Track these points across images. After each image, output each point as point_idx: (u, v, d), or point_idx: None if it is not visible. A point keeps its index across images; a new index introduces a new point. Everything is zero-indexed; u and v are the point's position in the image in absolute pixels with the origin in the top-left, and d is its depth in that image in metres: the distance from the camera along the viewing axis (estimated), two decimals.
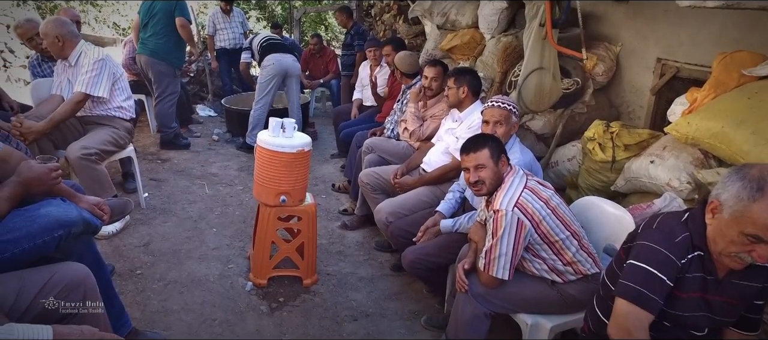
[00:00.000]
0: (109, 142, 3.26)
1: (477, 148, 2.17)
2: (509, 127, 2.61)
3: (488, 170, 2.14)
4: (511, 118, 2.62)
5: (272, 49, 5.22)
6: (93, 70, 3.17)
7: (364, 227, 3.84)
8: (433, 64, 3.65)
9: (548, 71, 3.56)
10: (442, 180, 3.18)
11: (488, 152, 2.15)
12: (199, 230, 3.52)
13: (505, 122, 2.59)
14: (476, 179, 2.16)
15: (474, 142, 2.21)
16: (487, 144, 2.18)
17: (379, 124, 4.55)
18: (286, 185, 2.75)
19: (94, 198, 2.04)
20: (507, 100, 2.64)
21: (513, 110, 2.62)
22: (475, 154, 2.16)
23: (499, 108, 2.60)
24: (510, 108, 2.61)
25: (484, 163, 2.14)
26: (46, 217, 1.60)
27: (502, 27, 4.61)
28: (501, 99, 2.64)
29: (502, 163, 2.18)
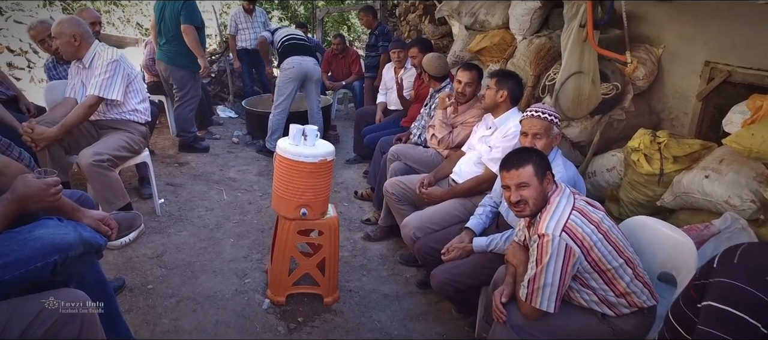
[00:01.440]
0: (123, 148, 3.11)
1: (519, 164, 1.94)
2: (550, 140, 2.38)
3: (532, 189, 1.91)
4: (553, 130, 2.38)
5: (293, 51, 5.03)
6: (107, 71, 3.03)
7: (388, 238, 3.64)
8: (467, 68, 3.43)
9: (587, 76, 3.32)
10: (473, 192, 2.96)
11: (532, 169, 1.93)
12: (215, 240, 3.36)
13: (545, 134, 2.36)
14: (518, 199, 1.93)
15: (516, 157, 1.98)
16: (531, 159, 1.95)
17: (405, 130, 4.35)
18: (306, 197, 2.56)
19: (100, 212, 1.87)
20: (548, 109, 2.41)
21: (554, 120, 2.38)
22: (517, 171, 1.93)
23: (539, 118, 2.37)
24: (551, 118, 2.37)
25: (527, 181, 1.92)
26: (40, 240, 1.44)
27: (535, 28, 4.38)
28: (541, 108, 2.41)
29: (547, 181, 1.95)
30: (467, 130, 3.38)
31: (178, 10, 4.56)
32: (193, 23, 4.60)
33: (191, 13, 4.60)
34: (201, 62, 4.73)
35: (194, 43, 4.63)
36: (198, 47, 4.66)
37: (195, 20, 4.61)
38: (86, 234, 1.62)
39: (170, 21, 4.64)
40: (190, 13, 4.58)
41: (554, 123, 2.38)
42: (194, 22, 4.60)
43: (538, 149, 2.16)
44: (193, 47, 4.64)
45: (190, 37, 4.60)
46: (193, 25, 4.60)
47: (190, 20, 4.57)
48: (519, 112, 3.05)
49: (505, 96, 2.97)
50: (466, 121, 3.43)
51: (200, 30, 4.75)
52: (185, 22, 4.55)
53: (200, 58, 4.72)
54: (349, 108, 7.85)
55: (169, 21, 4.66)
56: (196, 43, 4.64)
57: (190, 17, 4.56)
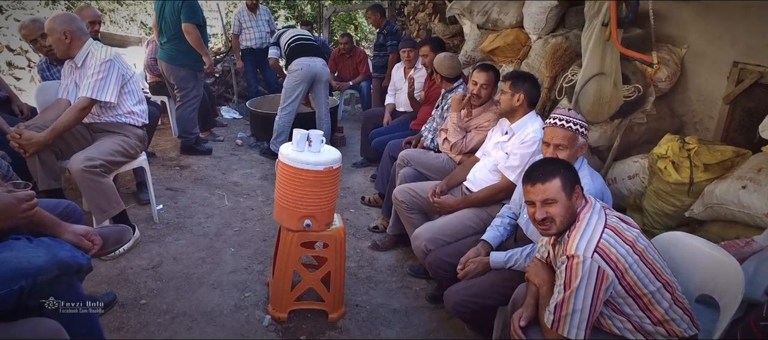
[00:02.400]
0: (118, 152, 2.95)
1: (545, 177, 1.75)
2: (575, 151, 2.19)
3: (559, 206, 1.72)
4: (578, 140, 2.19)
5: (301, 52, 4.86)
6: (100, 72, 2.86)
7: (397, 247, 3.46)
8: (484, 69, 3.23)
9: (609, 77, 3.12)
10: (489, 202, 2.77)
11: (559, 183, 1.73)
12: (214, 249, 3.19)
13: (569, 145, 2.16)
14: (544, 217, 1.74)
15: (541, 170, 1.78)
16: (558, 172, 1.75)
17: (414, 133, 4.16)
18: (311, 208, 2.38)
19: (82, 227, 1.70)
20: (573, 116, 2.21)
21: (580, 129, 2.19)
22: (543, 185, 1.74)
23: (563, 128, 2.17)
24: (576, 127, 2.18)
25: (554, 196, 1.72)
26: (4, 265, 1.26)
27: (551, 27, 4.20)
28: (565, 116, 2.20)
29: (576, 196, 1.76)
30: (482, 134, 3.19)
31: (178, 8, 4.40)
32: (194, 21, 4.43)
33: (191, 11, 4.43)
34: (206, 60, 4.57)
35: (197, 42, 4.46)
36: (201, 46, 4.49)
37: (196, 18, 4.44)
38: (63, 254, 1.45)
39: (170, 19, 4.48)
40: (190, 12, 4.41)
41: (579, 132, 2.18)
42: (195, 19, 4.43)
43: (566, 161, 1.97)
44: (197, 46, 4.48)
45: (193, 36, 4.43)
46: (195, 23, 4.43)
47: (190, 19, 4.40)
48: (537, 117, 2.86)
49: (522, 99, 2.78)
50: (481, 125, 3.24)
51: (202, 28, 4.58)
52: (186, 20, 4.39)
53: (204, 56, 4.55)
54: (356, 109, 7.67)
55: (169, 19, 4.50)
56: (199, 41, 4.47)
57: (190, 15, 4.39)
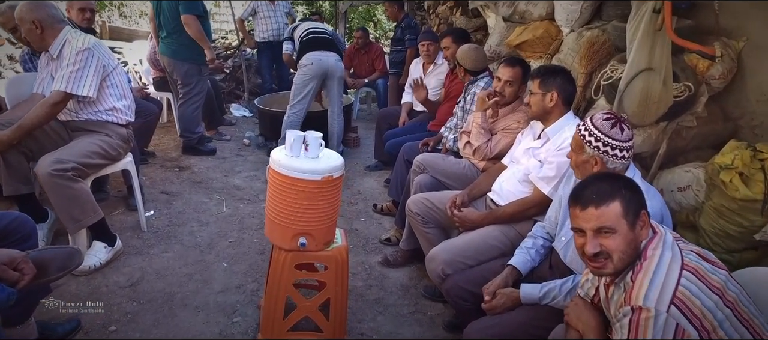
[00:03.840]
0: (96, 154, 2.60)
1: (601, 199, 1.33)
2: (584, 161, 1.84)
3: (619, 238, 1.31)
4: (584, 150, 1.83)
5: (313, 46, 4.49)
6: (76, 62, 2.52)
7: (410, 263, 3.06)
8: (510, 64, 2.82)
9: (658, 74, 2.68)
10: (518, 218, 2.36)
11: (620, 207, 1.32)
12: (205, 264, 2.83)
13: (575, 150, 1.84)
14: (597, 251, 1.33)
15: (596, 189, 1.36)
16: (619, 193, 1.34)
17: (432, 134, 3.76)
18: (306, 224, 2.01)
19: (7, 253, 1.35)
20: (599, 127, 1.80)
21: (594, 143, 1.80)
22: (598, 209, 1.33)
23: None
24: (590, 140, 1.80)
25: (612, 225, 1.31)
26: None
27: (585, 18, 3.76)
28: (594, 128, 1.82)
29: (641, 225, 1.34)
30: (509, 138, 2.79)
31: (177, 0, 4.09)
32: (194, 12, 4.10)
33: (190, 1, 4.10)
34: (208, 54, 4.23)
35: (198, 34, 4.13)
36: (203, 38, 4.16)
37: (195, 9, 4.11)
38: None
39: (169, 12, 4.18)
40: (189, 2, 4.09)
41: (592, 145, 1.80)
42: (194, 10, 4.10)
43: (628, 177, 1.55)
44: (198, 38, 4.15)
45: (193, 28, 4.10)
46: (194, 15, 4.10)
47: (189, 9, 4.07)
48: (575, 118, 2.45)
49: (555, 99, 2.36)
50: (509, 127, 2.83)
51: (203, 19, 4.24)
52: (185, 11, 4.06)
53: (207, 49, 4.21)
54: (373, 108, 7.29)
55: (167, 12, 4.20)
56: (200, 33, 4.13)
57: (189, 6, 4.06)
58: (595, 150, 1.79)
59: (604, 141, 1.78)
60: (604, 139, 1.78)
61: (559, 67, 2.55)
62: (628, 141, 1.80)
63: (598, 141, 1.79)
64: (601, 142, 1.78)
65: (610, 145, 1.78)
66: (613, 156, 1.78)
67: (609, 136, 1.78)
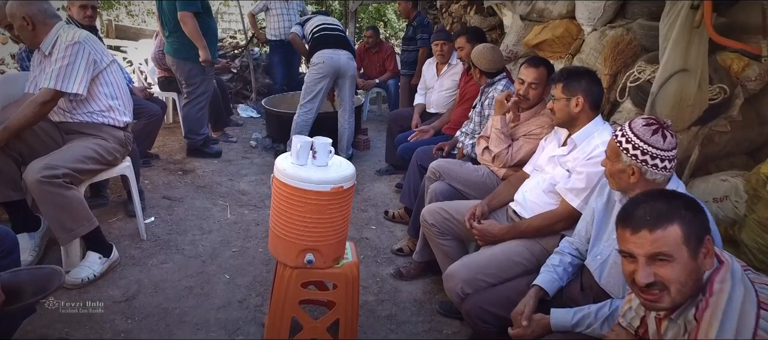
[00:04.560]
0: (89, 159, 2.44)
1: (657, 221, 1.14)
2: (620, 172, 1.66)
3: (677, 267, 1.12)
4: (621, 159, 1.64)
5: (324, 43, 4.32)
6: (64, 57, 2.35)
7: (425, 275, 2.88)
8: (534, 64, 2.63)
9: (694, 75, 2.48)
10: (544, 233, 2.17)
11: (680, 231, 1.13)
12: (206, 276, 2.66)
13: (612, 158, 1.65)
14: (651, 281, 1.14)
15: (650, 208, 1.17)
16: (677, 214, 1.14)
17: (446, 138, 3.57)
18: (314, 239, 1.83)
19: None
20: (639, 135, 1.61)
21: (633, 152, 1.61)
22: (653, 233, 1.13)
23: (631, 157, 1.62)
24: (640, 156, 1.60)
25: (669, 251, 1.12)
26: None
27: (608, 16, 3.58)
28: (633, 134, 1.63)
29: (704, 253, 1.15)
30: (531, 144, 2.59)
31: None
32: (190, 9, 3.93)
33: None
34: (201, 53, 4.05)
35: (193, 32, 3.96)
36: (198, 36, 3.98)
37: (192, 6, 3.94)
38: None
39: (169, 10, 4.04)
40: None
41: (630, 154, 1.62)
42: (191, 7, 3.94)
43: (687, 194, 1.36)
44: (193, 36, 3.98)
45: (189, 26, 3.93)
46: (191, 11, 3.94)
47: (186, 6, 3.91)
48: (604, 123, 2.25)
49: (581, 103, 2.16)
50: (531, 132, 2.63)
51: (203, 16, 4.06)
52: (181, 9, 3.91)
53: (201, 48, 4.03)
54: (383, 109, 7.11)
55: (167, 10, 4.06)
56: (196, 31, 3.96)
57: (185, 3, 3.90)
58: (632, 159, 1.60)
59: (643, 149, 1.59)
60: (643, 147, 1.59)
61: (583, 68, 2.35)
62: (671, 150, 1.61)
63: (637, 149, 1.60)
64: (640, 150, 1.59)
65: (650, 153, 1.58)
66: (653, 166, 1.59)
67: (649, 143, 1.59)
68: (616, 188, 1.74)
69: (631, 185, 1.65)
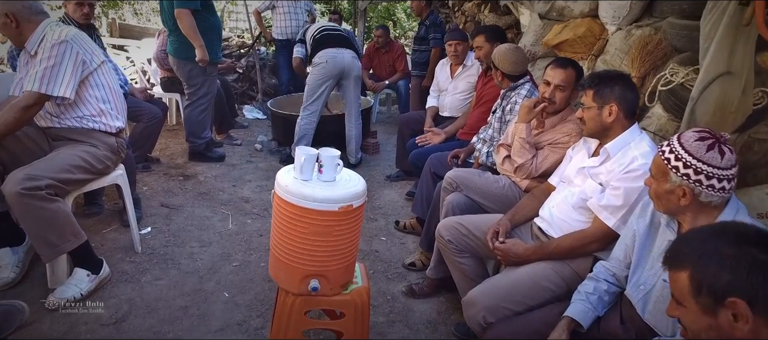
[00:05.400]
0: (77, 168, 2.24)
1: (672, 260, 0.96)
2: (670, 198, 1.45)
3: (691, 315, 0.92)
4: (670, 179, 1.43)
5: (326, 43, 4.15)
6: (50, 57, 2.16)
7: (439, 293, 2.67)
8: (561, 65, 2.40)
9: (739, 78, 2.27)
10: (575, 255, 1.95)
11: (687, 279, 0.93)
12: (203, 294, 2.46)
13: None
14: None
15: (687, 242, 0.97)
16: (701, 261, 0.94)
17: (462, 144, 3.36)
18: (319, 264, 1.62)
19: None
20: (688, 149, 1.41)
21: (684, 170, 1.40)
22: (669, 271, 0.94)
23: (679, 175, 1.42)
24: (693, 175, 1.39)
25: (680, 298, 0.93)
26: None
27: (635, 15, 3.38)
28: (683, 150, 1.42)
29: (732, 315, 0.94)
30: (558, 154, 2.37)
31: None
32: (187, 6, 3.74)
33: None
34: (198, 52, 3.85)
35: (189, 30, 3.77)
36: (194, 34, 3.79)
37: (190, 3, 3.75)
38: None
39: (168, 8, 3.86)
40: None
41: (682, 174, 1.41)
42: (188, 4, 3.74)
43: (761, 227, 1.13)
44: (189, 35, 3.79)
45: (185, 23, 3.74)
46: (188, 8, 3.74)
47: (182, 3, 3.72)
48: (641, 132, 2.02)
49: (615, 112, 1.94)
50: (557, 141, 2.41)
51: (201, 14, 3.87)
52: (178, 6, 3.72)
53: (197, 47, 3.84)
54: (393, 111, 6.89)
55: (166, 8, 3.89)
56: (192, 29, 3.77)
57: (183, 0, 3.72)
58: (684, 179, 1.39)
59: (696, 168, 1.37)
60: (697, 166, 1.37)
61: (616, 72, 2.12)
62: (729, 168, 1.39)
63: (689, 168, 1.38)
64: (693, 169, 1.37)
65: (705, 173, 1.37)
66: (708, 187, 1.37)
67: (704, 161, 1.37)
68: (663, 210, 1.52)
69: (681, 208, 1.44)
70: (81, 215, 3.11)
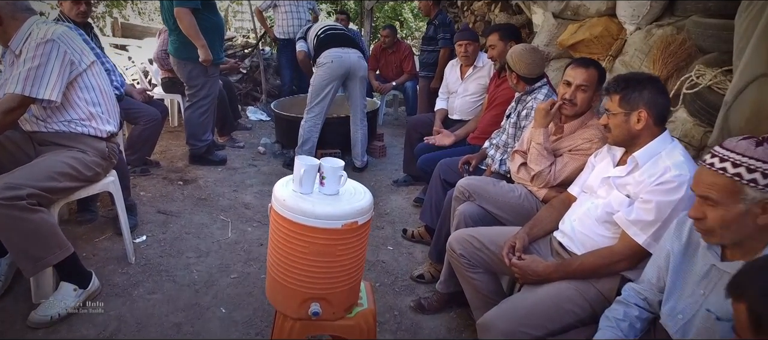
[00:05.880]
0: (64, 175, 2.09)
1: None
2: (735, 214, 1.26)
3: None
4: (744, 195, 1.23)
5: (331, 43, 4.01)
6: (34, 57, 2.01)
7: (449, 308, 2.51)
8: (583, 64, 2.24)
9: None
10: (601, 274, 1.78)
11: None
12: (198, 309, 2.31)
13: (724, 201, 1.26)
14: None
15: None
16: None
17: (473, 148, 3.19)
18: (321, 286, 1.47)
19: None
20: (741, 150, 1.24)
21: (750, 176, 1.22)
22: None
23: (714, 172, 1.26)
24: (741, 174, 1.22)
25: None
26: None
27: (655, 14, 3.23)
28: (753, 160, 1.23)
29: None
30: (578, 161, 2.20)
31: None
32: (187, 4, 3.60)
33: None
34: (200, 53, 3.71)
35: (190, 29, 3.62)
36: (196, 34, 3.65)
37: (189, 2, 3.60)
38: None
39: (168, 7, 3.72)
40: None
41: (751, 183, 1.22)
42: (188, 3, 3.60)
43: None
44: (190, 34, 3.64)
45: (185, 22, 3.60)
46: (188, 7, 3.60)
47: (182, 2, 3.58)
48: (673, 140, 1.85)
49: (644, 118, 1.76)
50: (577, 147, 2.24)
51: (203, 13, 3.72)
52: (178, 4, 3.58)
53: (199, 48, 3.69)
54: (400, 112, 6.73)
55: (167, 8, 3.75)
56: (193, 28, 3.63)
57: None
58: (764, 191, 1.20)
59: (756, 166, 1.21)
60: (757, 164, 1.21)
61: (645, 75, 1.93)
62: None
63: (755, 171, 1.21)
64: (761, 172, 1.20)
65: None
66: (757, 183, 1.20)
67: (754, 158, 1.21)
68: (729, 241, 1.33)
69: (758, 229, 1.25)
70: (73, 222, 2.98)
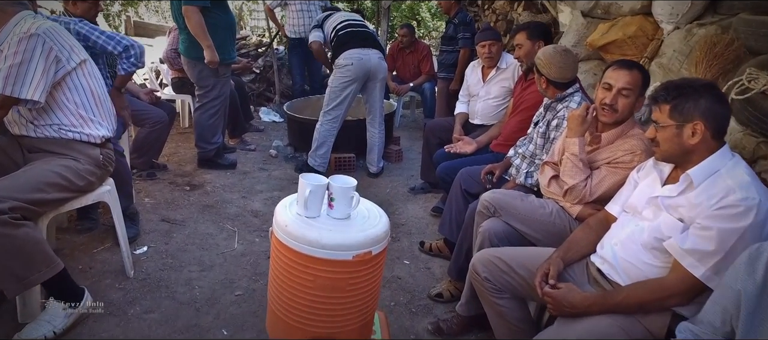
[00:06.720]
0: (52, 186, 1.92)
1: None
2: None
3: None
4: None
5: (352, 42, 3.81)
6: (17, 53, 1.84)
7: (470, 332, 2.29)
8: (625, 66, 2.00)
9: None
10: (649, 310, 1.55)
11: None
12: (198, 331, 2.12)
13: None
14: None
15: None
16: None
17: (497, 156, 2.98)
18: (329, 324, 1.27)
19: None
20: None
21: None
22: None
23: None
24: None
25: None
26: None
27: (696, 12, 3.02)
28: None
29: None
30: (618, 175, 1.97)
31: None
32: (195, 3, 3.43)
33: None
34: (206, 53, 3.55)
35: (197, 28, 3.47)
36: (203, 33, 3.49)
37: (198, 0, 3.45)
38: None
39: (177, 5, 3.57)
40: None
41: None
42: (196, 1, 3.44)
43: None
44: (197, 33, 3.49)
45: (192, 21, 3.45)
46: (196, 6, 3.44)
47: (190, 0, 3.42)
48: (734, 156, 1.60)
49: (700, 131, 1.53)
50: (617, 159, 2.01)
51: (212, 12, 3.55)
52: (186, 2, 3.43)
53: (206, 48, 3.53)
54: (417, 114, 6.52)
55: (175, 6, 3.60)
56: (200, 27, 3.47)
57: None
58: None
59: None
60: None
61: (700, 81, 1.69)
62: None
63: None
64: None
65: None
66: None
67: None
68: None
69: None
70: (73, 230, 2.83)
